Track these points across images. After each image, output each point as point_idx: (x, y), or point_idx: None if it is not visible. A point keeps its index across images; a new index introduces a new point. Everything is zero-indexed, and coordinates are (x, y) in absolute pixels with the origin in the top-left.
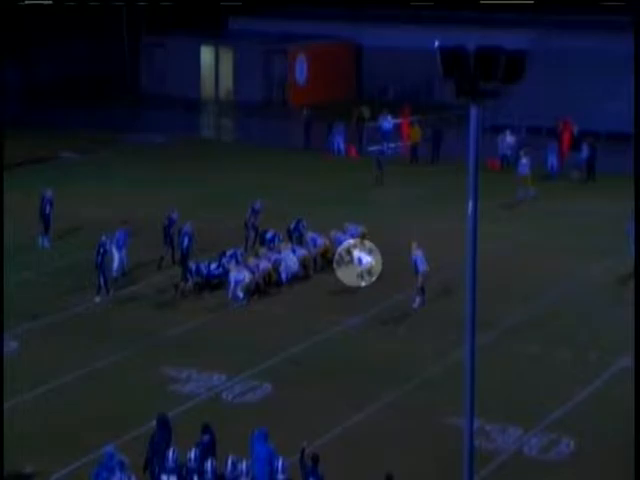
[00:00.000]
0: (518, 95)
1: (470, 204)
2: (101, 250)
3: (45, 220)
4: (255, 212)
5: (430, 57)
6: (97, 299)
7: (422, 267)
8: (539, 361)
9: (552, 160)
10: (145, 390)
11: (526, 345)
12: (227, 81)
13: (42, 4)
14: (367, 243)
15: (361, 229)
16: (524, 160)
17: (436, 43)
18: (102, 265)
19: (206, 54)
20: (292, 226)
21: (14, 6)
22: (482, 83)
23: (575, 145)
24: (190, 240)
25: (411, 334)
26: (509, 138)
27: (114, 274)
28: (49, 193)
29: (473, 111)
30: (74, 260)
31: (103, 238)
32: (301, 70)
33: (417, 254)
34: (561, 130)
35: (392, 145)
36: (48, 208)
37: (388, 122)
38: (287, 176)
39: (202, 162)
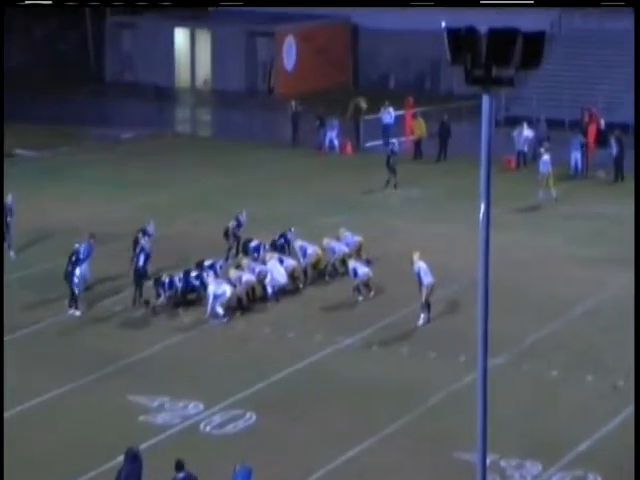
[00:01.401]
0: (536, 83)
1: (482, 207)
2: (73, 259)
3: (6, 229)
4: (239, 224)
5: (436, 40)
6: (77, 313)
7: (426, 279)
8: (560, 387)
9: (576, 157)
10: (111, 421)
11: (545, 368)
12: (205, 68)
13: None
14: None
15: (357, 238)
16: (545, 157)
17: (443, 24)
18: (73, 276)
19: (181, 37)
20: (278, 234)
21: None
22: (495, 69)
23: (602, 140)
24: (146, 259)
25: (415, 356)
26: (527, 132)
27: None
28: (9, 200)
29: (485, 101)
30: (36, 271)
31: (76, 246)
32: (289, 55)
33: (420, 265)
34: (586, 122)
35: (393, 141)
36: (9, 217)
37: (389, 115)
38: (273, 176)
39: (176, 160)
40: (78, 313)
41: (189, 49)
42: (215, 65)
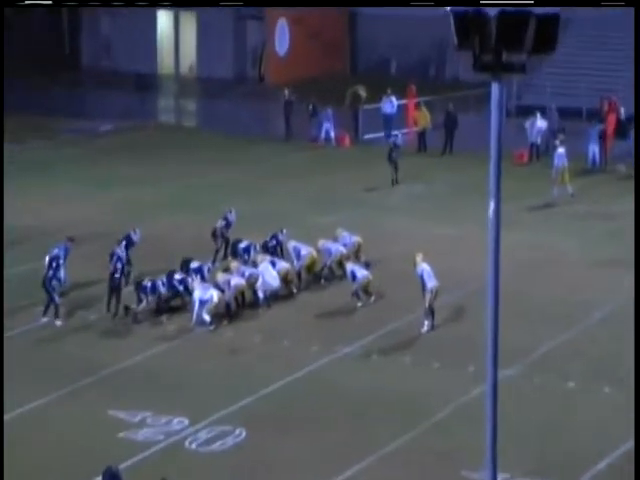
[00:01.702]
0: (551, 69)
1: (491, 205)
2: (53, 264)
3: None
4: (228, 224)
5: (442, 23)
6: (57, 322)
7: (430, 283)
8: (576, 399)
9: (594, 150)
10: (89, 438)
11: (560, 380)
12: (190, 53)
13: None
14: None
15: (356, 239)
16: (559, 150)
17: (448, 7)
18: (52, 282)
19: (163, 20)
20: (270, 235)
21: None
22: (506, 54)
23: (622, 131)
24: (123, 267)
25: (419, 366)
26: (540, 123)
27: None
28: None
29: (495, 89)
30: (7, 276)
31: (56, 251)
32: (282, 39)
33: (423, 267)
34: (605, 112)
35: (395, 133)
36: None
37: (391, 104)
38: (264, 172)
39: (159, 154)
40: (59, 322)
41: (173, 33)
42: (201, 50)
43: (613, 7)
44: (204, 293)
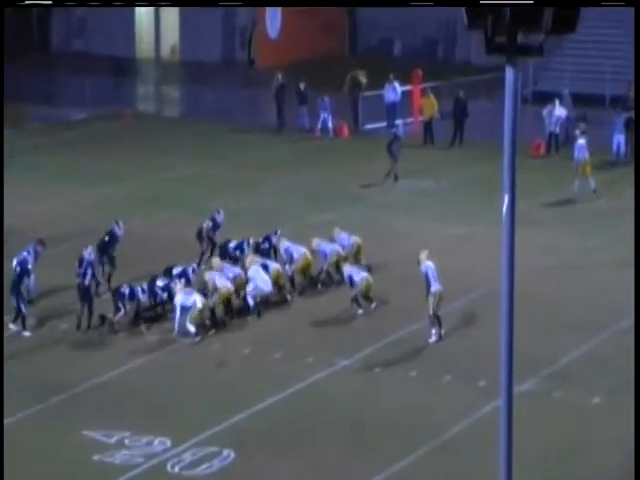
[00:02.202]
0: (571, 51)
1: (506, 201)
2: (18, 270)
3: None
4: (215, 226)
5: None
6: (25, 333)
7: (434, 286)
8: (603, 417)
9: (619, 140)
10: (61, 461)
11: (584, 395)
12: (171, 35)
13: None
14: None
15: (355, 239)
16: (581, 141)
17: None
18: (20, 287)
19: None
20: (263, 237)
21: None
22: (521, 35)
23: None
24: (93, 274)
25: (425, 380)
26: (559, 111)
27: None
28: None
29: (509, 74)
30: None
31: (24, 255)
32: (273, 19)
33: (427, 266)
34: (632, 98)
35: (399, 122)
36: None
37: (394, 91)
38: (255, 165)
39: (137, 146)
40: (27, 334)
41: (152, 12)
42: (184, 31)
43: (613, 7)
44: (186, 299)
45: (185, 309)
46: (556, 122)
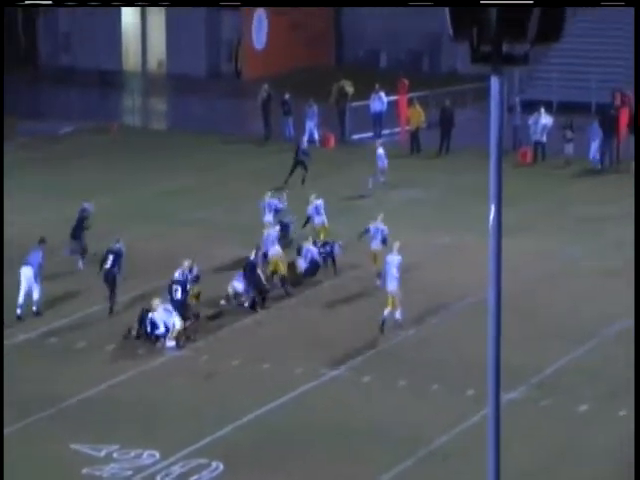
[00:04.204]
0: (556, 60)
1: (492, 210)
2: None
3: None
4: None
5: (436, 10)
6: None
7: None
8: (590, 425)
9: (595, 148)
10: (50, 475)
11: (571, 403)
12: (158, 47)
13: None
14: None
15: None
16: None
17: None
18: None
19: (129, 11)
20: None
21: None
22: (507, 44)
23: (636, 126)
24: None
25: (414, 389)
26: (545, 119)
27: (19, 310)
28: None
29: (495, 83)
30: None
31: (35, 257)
32: (259, 31)
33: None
34: (617, 106)
35: (386, 131)
36: None
37: (380, 101)
38: (241, 177)
39: (124, 159)
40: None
41: (139, 25)
42: (170, 44)
43: (613, 7)
44: (167, 319)
45: (167, 330)
46: (542, 130)
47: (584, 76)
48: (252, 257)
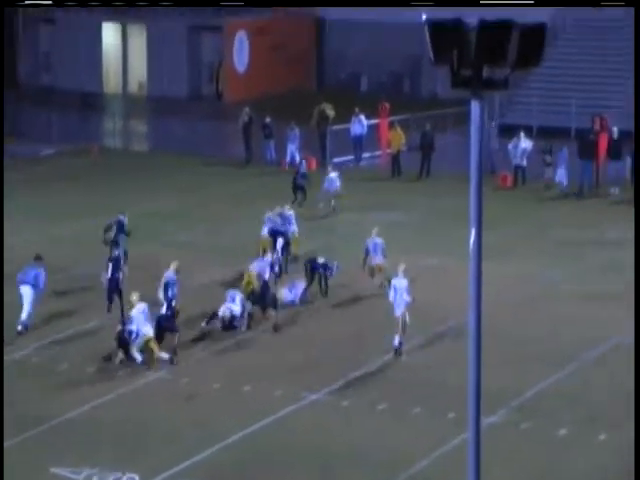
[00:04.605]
0: (536, 84)
1: (472, 234)
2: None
3: None
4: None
5: (416, 34)
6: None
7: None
8: (569, 449)
9: (561, 173)
10: None
11: (551, 427)
12: (139, 69)
13: None
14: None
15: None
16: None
17: (424, 16)
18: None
19: (110, 33)
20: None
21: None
22: (487, 69)
23: (615, 151)
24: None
25: (395, 412)
26: (524, 143)
27: (20, 326)
28: None
29: (475, 107)
30: None
31: (37, 275)
32: (241, 53)
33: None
34: (597, 131)
35: (366, 155)
36: None
37: (361, 124)
38: (223, 199)
39: (105, 182)
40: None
41: (120, 47)
42: (151, 66)
43: (613, 7)
44: (141, 325)
45: (138, 335)
46: (522, 154)
47: (564, 101)
48: (267, 276)
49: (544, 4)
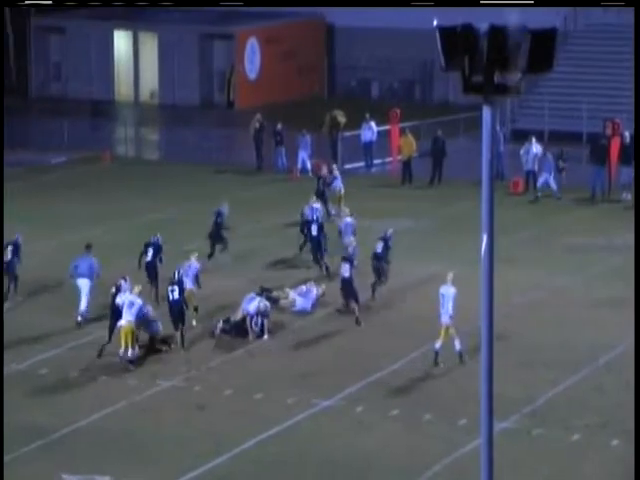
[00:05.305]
0: (548, 89)
1: (484, 239)
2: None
3: None
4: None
5: (428, 40)
6: None
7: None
8: (582, 454)
9: (547, 178)
10: None
11: (563, 433)
12: (151, 78)
13: None
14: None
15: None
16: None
17: (435, 22)
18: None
19: (121, 41)
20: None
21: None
22: (498, 75)
23: (626, 156)
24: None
25: (407, 419)
26: (536, 149)
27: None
28: None
29: (486, 113)
30: None
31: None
32: (252, 61)
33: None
34: (609, 135)
35: (377, 161)
36: None
37: (371, 130)
38: (234, 207)
39: (116, 190)
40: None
41: (131, 56)
42: (163, 74)
43: (613, 7)
44: (129, 307)
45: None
46: (533, 160)
47: (575, 105)
48: (347, 274)
49: (544, 4)
